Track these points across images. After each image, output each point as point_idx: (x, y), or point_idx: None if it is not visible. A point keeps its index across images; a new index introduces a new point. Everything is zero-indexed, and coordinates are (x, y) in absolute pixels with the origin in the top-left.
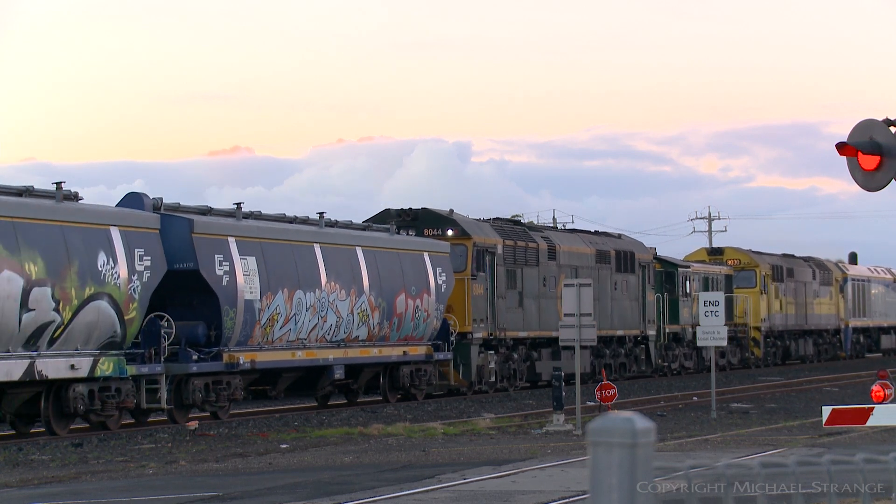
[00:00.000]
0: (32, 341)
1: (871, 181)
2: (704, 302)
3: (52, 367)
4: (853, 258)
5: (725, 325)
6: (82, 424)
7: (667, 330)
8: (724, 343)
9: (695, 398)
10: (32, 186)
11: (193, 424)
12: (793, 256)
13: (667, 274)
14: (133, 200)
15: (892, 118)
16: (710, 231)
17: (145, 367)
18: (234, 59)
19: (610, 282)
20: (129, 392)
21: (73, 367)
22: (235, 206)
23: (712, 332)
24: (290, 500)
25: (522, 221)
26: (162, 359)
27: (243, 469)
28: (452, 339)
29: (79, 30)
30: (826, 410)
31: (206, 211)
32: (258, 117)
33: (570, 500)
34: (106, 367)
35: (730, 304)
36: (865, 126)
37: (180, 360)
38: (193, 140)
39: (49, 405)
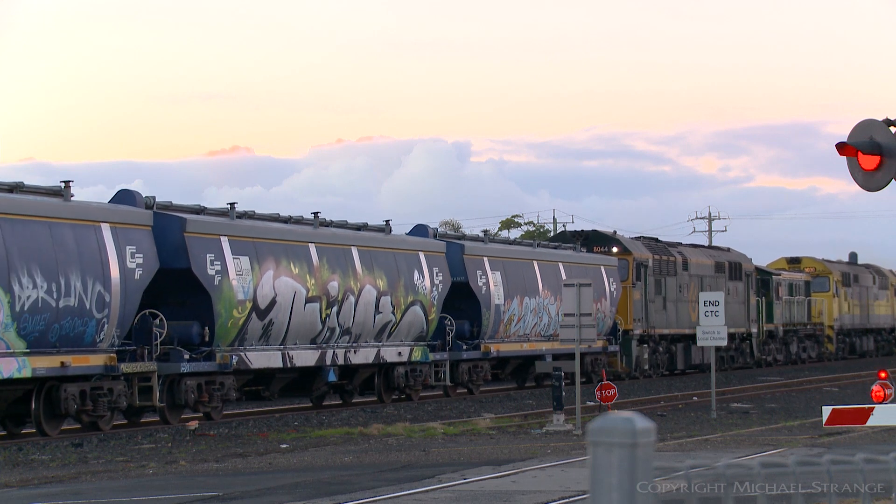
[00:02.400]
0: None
1: (871, 181)
2: (704, 302)
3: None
4: (853, 258)
5: (806, 324)
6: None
7: (765, 328)
8: (725, 343)
9: (695, 398)
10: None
11: (193, 424)
12: (855, 264)
13: (763, 281)
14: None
15: (892, 118)
16: (710, 231)
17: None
18: (234, 59)
19: (725, 288)
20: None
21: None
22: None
23: (712, 332)
24: (290, 500)
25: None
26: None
27: (243, 469)
28: (619, 334)
29: (78, 30)
30: (826, 410)
31: (199, 210)
32: (257, 117)
33: (570, 500)
34: (416, 354)
35: (808, 306)
36: (865, 126)
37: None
38: (193, 140)
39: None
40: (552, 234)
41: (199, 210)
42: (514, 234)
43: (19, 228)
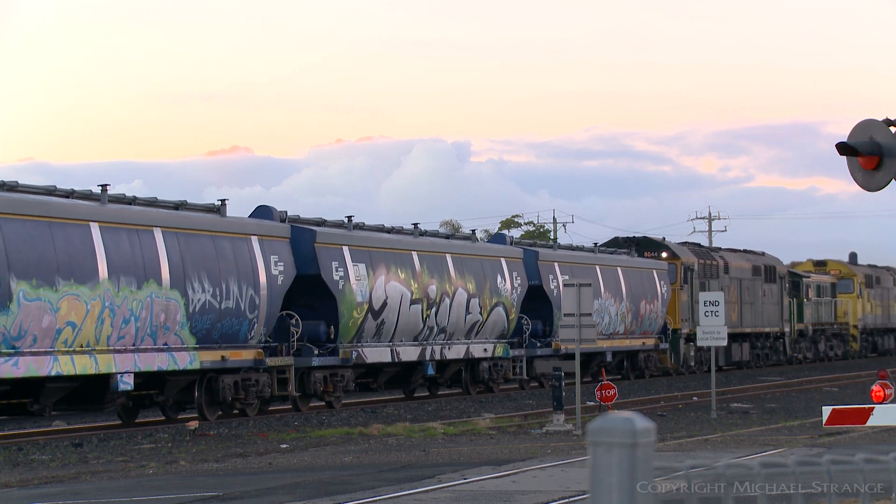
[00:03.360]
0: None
1: (871, 181)
2: (704, 302)
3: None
4: (853, 258)
5: (833, 323)
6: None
7: (796, 327)
8: (724, 343)
9: (695, 398)
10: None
11: (193, 424)
12: (877, 266)
13: (794, 283)
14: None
15: (892, 118)
16: (710, 231)
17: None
18: (234, 59)
19: (761, 290)
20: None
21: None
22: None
23: (712, 331)
24: (290, 500)
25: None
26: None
27: (243, 469)
28: (669, 333)
29: (78, 30)
30: (826, 410)
31: (322, 222)
32: (257, 117)
33: (570, 500)
34: (499, 350)
35: (834, 306)
36: (865, 126)
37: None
38: (192, 140)
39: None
40: (552, 234)
41: (322, 222)
42: (514, 234)
43: (192, 241)
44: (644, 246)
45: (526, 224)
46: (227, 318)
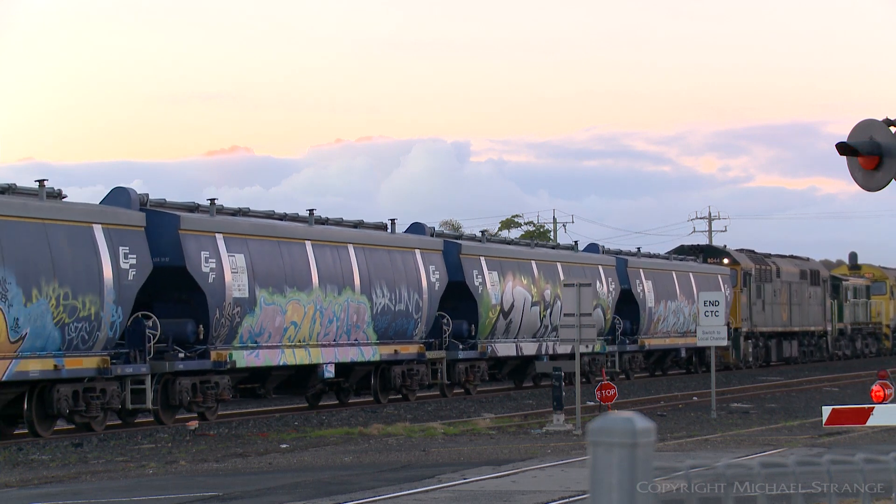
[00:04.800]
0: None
1: (871, 181)
2: (704, 302)
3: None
4: (853, 258)
5: (867, 323)
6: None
7: (837, 327)
8: (724, 343)
9: (695, 398)
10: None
11: (193, 424)
12: None
13: (834, 286)
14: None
15: (892, 118)
16: (710, 231)
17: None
18: (234, 59)
19: (807, 292)
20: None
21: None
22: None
23: (712, 331)
24: (290, 500)
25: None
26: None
27: (243, 469)
28: (731, 332)
29: (79, 30)
30: (826, 410)
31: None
32: (257, 117)
33: (570, 500)
34: (597, 346)
35: (868, 307)
36: (865, 126)
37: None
38: (192, 140)
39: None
40: (552, 234)
41: (458, 236)
42: (514, 234)
43: (374, 254)
44: (708, 253)
45: (526, 224)
46: (399, 318)
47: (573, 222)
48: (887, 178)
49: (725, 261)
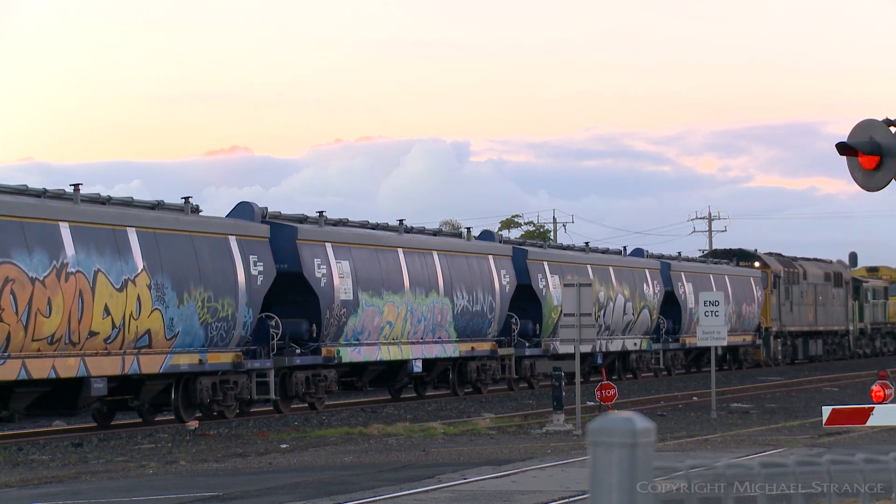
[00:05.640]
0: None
1: (871, 181)
2: (704, 302)
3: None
4: (853, 258)
5: (886, 323)
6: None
7: (858, 326)
8: (724, 343)
9: (694, 398)
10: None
11: (194, 424)
12: None
13: (855, 287)
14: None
15: (892, 118)
16: (709, 231)
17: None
18: (233, 59)
19: (831, 294)
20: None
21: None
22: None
23: (712, 331)
24: (290, 500)
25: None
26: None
27: (243, 469)
28: (761, 331)
29: (79, 30)
30: (826, 410)
31: (522, 243)
32: (256, 117)
33: (570, 500)
34: (644, 344)
35: (886, 308)
36: (865, 126)
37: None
38: (191, 140)
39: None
40: (552, 234)
41: (522, 243)
42: (514, 234)
43: (454, 260)
44: (740, 257)
45: (526, 224)
46: (476, 318)
47: (573, 222)
48: (887, 178)
49: (756, 264)
